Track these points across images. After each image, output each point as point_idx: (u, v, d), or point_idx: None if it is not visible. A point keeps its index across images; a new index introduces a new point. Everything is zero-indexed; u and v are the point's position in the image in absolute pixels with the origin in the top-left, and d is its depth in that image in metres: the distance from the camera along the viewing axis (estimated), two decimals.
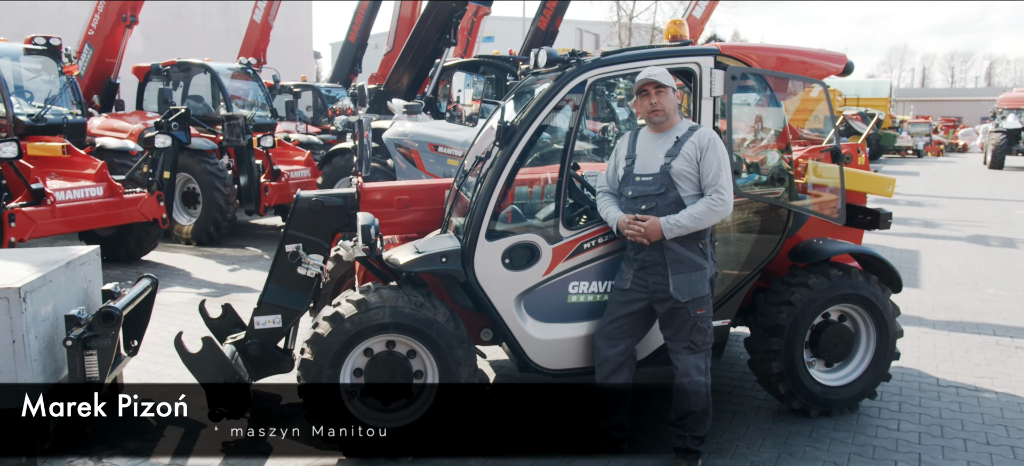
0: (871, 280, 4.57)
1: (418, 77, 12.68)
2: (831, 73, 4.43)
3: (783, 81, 4.36)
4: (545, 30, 17.08)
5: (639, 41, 38.67)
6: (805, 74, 4.35)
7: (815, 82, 4.37)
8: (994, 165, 26.74)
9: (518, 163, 4.01)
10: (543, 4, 17.02)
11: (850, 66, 4.45)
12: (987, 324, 6.73)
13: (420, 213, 5.01)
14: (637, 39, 40.71)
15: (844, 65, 4.45)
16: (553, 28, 17.22)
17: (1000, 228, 12.63)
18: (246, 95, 12.22)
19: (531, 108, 4.03)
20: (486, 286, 4.05)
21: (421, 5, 19.58)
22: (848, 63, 4.45)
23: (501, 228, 4.06)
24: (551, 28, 17.16)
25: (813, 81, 4.37)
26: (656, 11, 41.65)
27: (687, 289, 3.81)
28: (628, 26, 41.98)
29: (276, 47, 17.60)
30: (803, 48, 4.37)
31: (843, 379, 4.66)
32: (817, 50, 4.42)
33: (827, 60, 4.42)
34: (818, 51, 4.43)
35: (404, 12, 19.48)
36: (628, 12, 42.40)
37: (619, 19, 42.07)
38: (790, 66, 4.31)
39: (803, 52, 4.38)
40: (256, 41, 15.88)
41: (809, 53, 4.40)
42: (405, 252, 4.15)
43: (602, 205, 4.05)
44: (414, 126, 10.07)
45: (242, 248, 10.34)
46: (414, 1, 19.19)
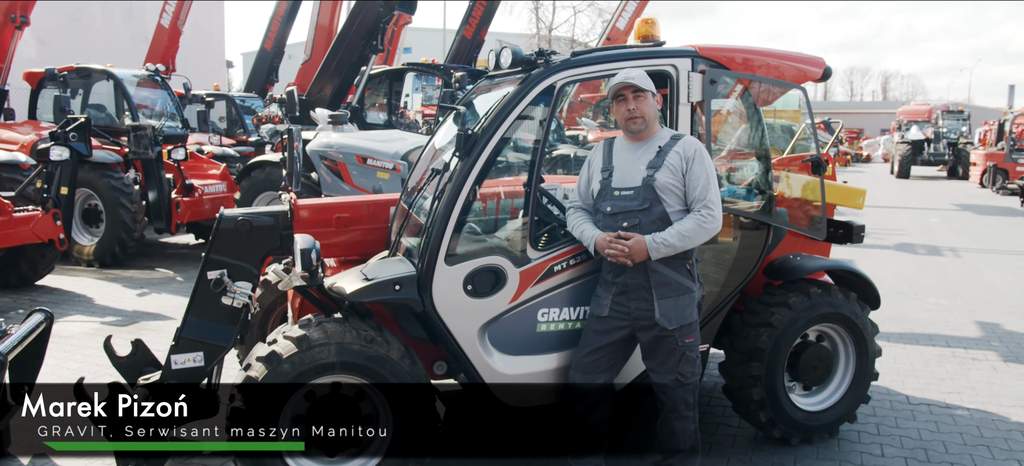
0: (850, 297, 4.31)
1: (342, 86, 12.03)
2: (810, 78, 4.15)
3: (762, 85, 4.05)
4: (471, 39, 16.66)
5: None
6: (784, 78, 4.05)
7: (794, 87, 4.07)
8: (901, 174, 27.86)
9: (481, 176, 3.55)
10: (468, 13, 16.60)
11: (829, 70, 4.19)
12: (938, 335, 6.65)
13: (361, 233, 4.47)
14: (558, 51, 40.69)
15: (822, 69, 4.18)
16: (479, 38, 16.83)
17: (921, 236, 12.91)
18: (154, 104, 11.30)
19: (495, 114, 3.57)
20: (446, 316, 3.56)
21: (341, 10, 18.94)
22: (827, 67, 4.18)
23: (462, 250, 3.58)
24: (477, 38, 16.76)
25: (792, 86, 4.07)
26: (575, 23, 41.75)
27: (674, 315, 3.42)
28: (548, 37, 41.91)
29: (185, 54, 16.57)
30: (781, 50, 4.07)
31: (823, 403, 4.38)
32: (796, 53, 4.14)
33: (806, 63, 4.14)
34: (797, 54, 4.14)
35: (322, 19, 18.74)
36: (547, 23, 42.34)
37: (538, 31, 41.94)
38: (770, 69, 4.01)
39: (783, 54, 4.08)
40: (164, 47, 14.87)
41: (789, 56, 4.11)
42: (351, 279, 3.61)
43: (574, 222, 3.63)
44: (340, 137, 9.48)
45: (151, 270, 9.48)
46: (334, 5, 18.53)
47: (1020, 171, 21.19)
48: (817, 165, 4.15)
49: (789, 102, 12.04)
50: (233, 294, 4.08)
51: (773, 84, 4.04)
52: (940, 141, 28.81)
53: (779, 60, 4.05)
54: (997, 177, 22.57)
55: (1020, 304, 7.86)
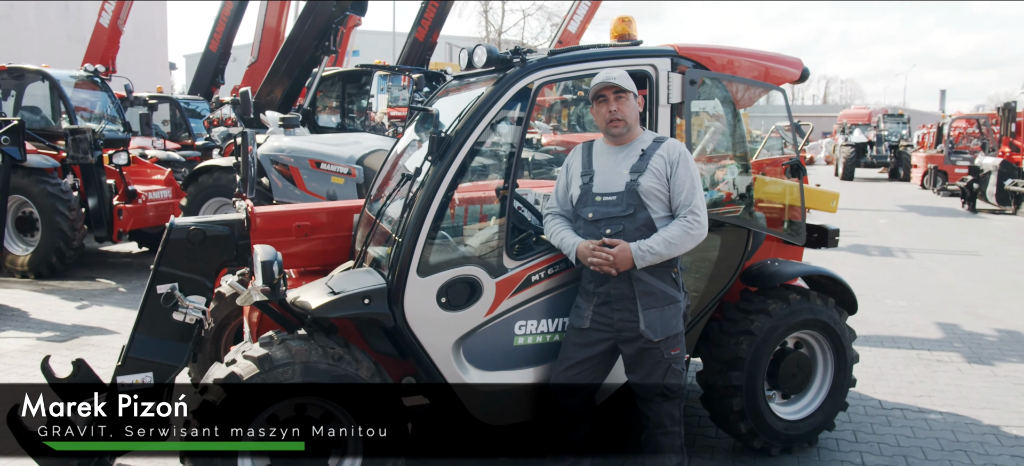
0: (829, 303, 4.23)
1: (293, 88, 11.69)
2: (788, 79, 4.06)
3: (741, 86, 3.94)
4: (423, 42, 16.42)
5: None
6: (763, 79, 3.95)
7: (773, 88, 3.97)
8: (845, 177, 28.47)
9: (454, 181, 3.35)
10: (420, 15, 16.34)
11: (806, 72, 4.10)
12: (902, 337, 6.68)
13: (323, 242, 4.25)
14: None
15: (801, 70, 4.09)
16: (431, 40, 16.59)
17: (872, 237, 13.10)
18: (93, 107, 10.77)
19: (468, 116, 3.37)
20: (419, 331, 3.35)
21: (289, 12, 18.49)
22: (804, 68, 4.10)
23: (435, 260, 3.37)
24: (429, 40, 16.52)
25: (772, 87, 3.97)
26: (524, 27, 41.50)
27: (660, 326, 3.27)
28: (497, 41, 41.65)
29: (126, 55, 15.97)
30: (760, 50, 3.97)
31: (802, 411, 4.28)
32: (774, 53, 4.04)
33: (784, 64, 4.05)
34: (775, 54, 4.04)
35: (270, 21, 18.29)
36: (496, 26, 42.09)
37: (487, 34, 41.66)
38: (749, 70, 3.90)
39: (762, 54, 3.98)
40: (104, 47, 14.27)
41: (768, 56, 4.01)
42: (315, 292, 3.37)
43: (553, 229, 3.45)
44: (292, 141, 9.16)
45: (92, 281, 8.99)
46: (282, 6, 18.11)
47: (959, 173, 21.80)
48: (797, 168, 4.06)
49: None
50: (185, 309, 3.82)
51: (753, 85, 3.93)
52: (882, 144, 29.58)
53: (759, 60, 3.94)
54: (937, 179, 23.22)
55: (975, 304, 7.97)
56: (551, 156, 7.45)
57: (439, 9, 16.21)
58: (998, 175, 17.41)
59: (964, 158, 22.60)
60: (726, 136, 4.06)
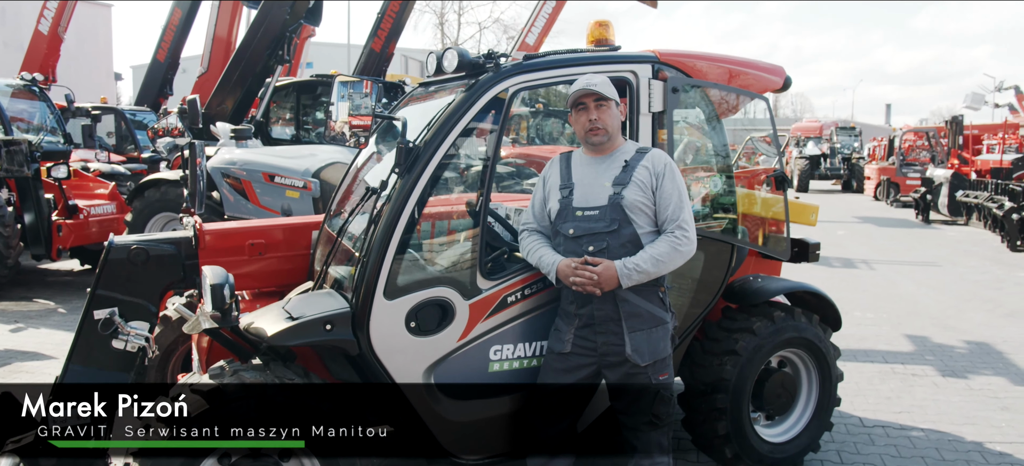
0: (813, 320, 4.07)
1: (246, 99, 11.26)
2: (771, 88, 3.89)
3: (724, 95, 3.76)
4: (380, 52, 16.10)
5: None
6: (746, 87, 3.77)
7: (757, 97, 3.80)
8: (800, 188, 28.85)
9: (424, 195, 3.09)
10: (376, 25, 16.03)
11: (788, 80, 3.94)
12: (874, 351, 6.59)
13: (278, 261, 3.94)
14: None
15: (783, 79, 3.93)
16: (388, 51, 16.28)
17: (832, 249, 13.15)
18: (31, 117, 10.22)
19: (439, 125, 3.11)
20: (386, 358, 3.07)
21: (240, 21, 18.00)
22: (787, 77, 3.94)
23: (404, 281, 3.10)
24: (385, 51, 16.21)
25: (755, 95, 3.79)
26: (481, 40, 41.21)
27: (648, 350, 3.04)
28: None
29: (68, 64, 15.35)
30: (742, 57, 3.80)
31: (787, 433, 4.11)
32: (756, 61, 3.87)
33: (767, 72, 3.88)
34: (758, 62, 3.88)
35: (220, 30, 17.78)
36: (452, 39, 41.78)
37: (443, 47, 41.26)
38: (732, 77, 3.72)
39: (744, 62, 3.81)
40: (43, 55, 13.64)
41: (751, 63, 3.84)
42: (272, 318, 3.06)
43: (530, 247, 3.20)
44: (244, 153, 8.77)
45: (29, 301, 8.46)
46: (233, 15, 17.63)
47: (911, 185, 22.23)
48: (782, 180, 3.90)
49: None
50: (126, 336, 3.50)
51: (737, 93, 3.75)
52: (835, 156, 30.11)
53: (741, 68, 3.77)
54: (890, 190, 23.66)
55: (941, 315, 7.96)
56: (512, 169, 7.22)
57: (396, 19, 15.93)
58: (949, 187, 17.74)
59: (915, 170, 23.09)
60: (709, 147, 3.86)
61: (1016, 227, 12.75)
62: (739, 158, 5.08)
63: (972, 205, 16.49)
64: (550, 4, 20.26)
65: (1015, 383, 5.70)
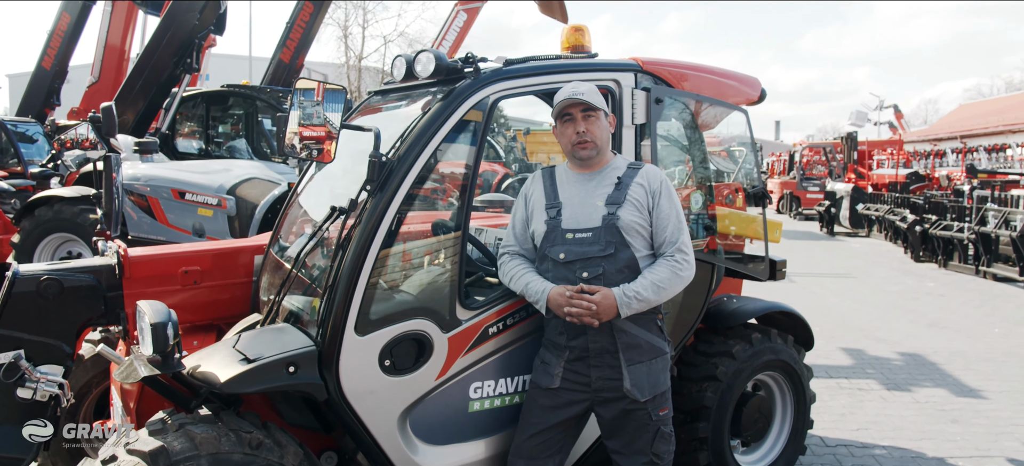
0: (788, 341, 3.93)
1: (149, 110, 10.48)
2: (749, 100, 3.74)
3: (705, 106, 3.57)
4: (289, 63, 15.46)
5: (370, 85, 36.40)
6: (727, 99, 3.60)
7: (737, 109, 3.63)
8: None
9: (400, 215, 2.74)
10: (285, 35, 15.38)
11: (764, 93, 3.80)
12: (817, 366, 6.56)
13: (215, 290, 3.48)
14: (368, 82, 38.77)
15: (759, 91, 3.78)
16: (297, 63, 15.66)
17: None
18: None
19: (414, 137, 2.77)
20: (358, 403, 2.69)
21: (134, 29, 16.94)
22: (762, 90, 3.80)
23: (377, 314, 2.73)
24: (294, 62, 15.59)
25: (735, 108, 3.62)
26: (385, 53, 40.18)
27: (647, 384, 2.78)
28: (358, 67, 40.13)
29: None
30: (721, 68, 3.62)
31: (763, 460, 3.96)
32: (734, 72, 3.71)
33: (745, 84, 3.72)
34: (736, 73, 3.71)
35: (113, 39, 16.73)
36: (356, 52, 40.52)
37: (347, 60, 40.03)
38: (714, 88, 3.54)
39: (724, 73, 3.64)
40: None
41: (730, 75, 3.67)
42: (221, 360, 2.63)
43: (513, 273, 2.89)
44: (149, 168, 8.08)
45: None
46: (127, 23, 16.59)
47: (812, 199, 23.16)
48: (762, 196, 3.74)
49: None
50: (34, 383, 2.97)
51: (717, 105, 3.57)
52: None
53: (722, 79, 3.60)
54: (792, 204, 24.58)
55: (870, 327, 8.11)
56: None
57: (306, 29, 15.34)
58: (850, 200, 18.52)
59: (814, 184, 24.07)
60: (691, 161, 3.66)
61: (919, 239, 13.33)
62: (737, 173, 4.94)
63: (873, 217, 17.23)
64: (462, 17, 20.09)
65: (956, 394, 5.78)
